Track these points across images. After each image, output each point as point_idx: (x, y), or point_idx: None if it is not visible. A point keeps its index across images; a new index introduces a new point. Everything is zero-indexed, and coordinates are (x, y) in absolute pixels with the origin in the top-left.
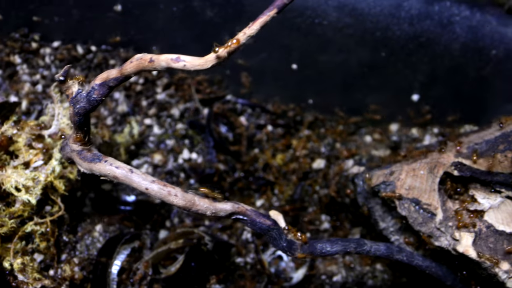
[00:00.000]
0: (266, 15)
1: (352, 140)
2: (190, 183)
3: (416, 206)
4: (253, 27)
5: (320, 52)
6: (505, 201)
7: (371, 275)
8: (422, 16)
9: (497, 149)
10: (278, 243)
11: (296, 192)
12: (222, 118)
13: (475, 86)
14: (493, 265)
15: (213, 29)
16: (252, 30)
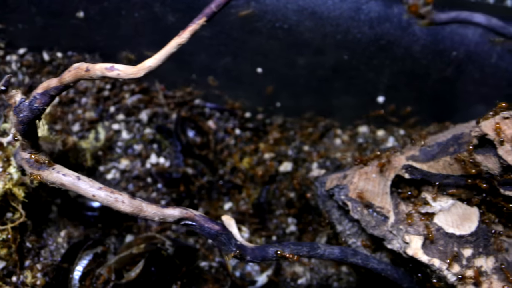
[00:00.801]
0: (195, 24)
1: (322, 142)
2: (158, 188)
3: (370, 209)
4: (183, 36)
5: (283, 56)
6: (456, 203)
7: (336, 277)
8: (382, 19)
9: (448, 152)
10: (227, 248)
11: (261, 196)
12: (190, 123)
13: (438, 88)
14: (442, 267)
15: (176, 34)
16: (183, 39)
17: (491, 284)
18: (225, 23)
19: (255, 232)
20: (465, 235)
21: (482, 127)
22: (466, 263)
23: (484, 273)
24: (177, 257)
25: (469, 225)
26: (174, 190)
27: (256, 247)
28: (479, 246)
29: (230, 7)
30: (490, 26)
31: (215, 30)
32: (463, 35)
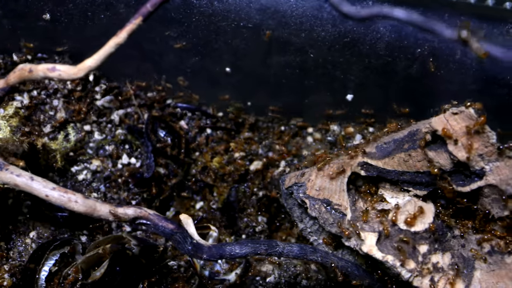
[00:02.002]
0: (132, 23)
1: (294, 141)
2: (130, 188)
3: (328, 207)
4: (121, 36)
5: (249, 55)
6: (411, 200)
7: (304, 275)
8: (341, 17)
9: (403, 148)
10: (183, 247)
11: (231, 195)
12: (161, 123)
13: (405, 85)
14: (395, 264)
15: (141, 34)
16: (120, 39)
17: (448, 280)
18: (190, 23)
19: (225, 231)
20: (419, 232)
21: (432, 123)
22: (422, 259)
23: (441, 269)
24: (143, 257)
25: (423, 221)
26: (145, 190)
27: (213, 245)
28: (434, 242)
29: (193, 7)
30: (411, 21)
31: (180, 30)
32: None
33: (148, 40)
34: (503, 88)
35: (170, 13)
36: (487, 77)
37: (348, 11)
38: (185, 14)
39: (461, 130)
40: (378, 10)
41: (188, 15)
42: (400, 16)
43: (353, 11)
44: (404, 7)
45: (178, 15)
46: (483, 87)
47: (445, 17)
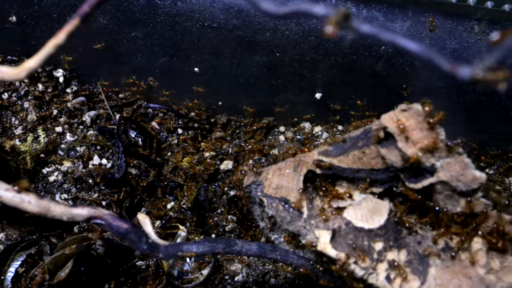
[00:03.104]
0: (70, 24)
1: (267, 140)
2: (101, 189)
3: (286, 205)
4: (59, 37)
5: (217, 54)
6: (367, 197)
7: (273, 274)
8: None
9: (357, 146)
10: (138, 246)
11: (200, 194)
12: (132, 123)
13: (372, 83)
14: (349, 262)
15: (109, 35)
16: (59, 39)
17: (405, 277)
18: (156, 23)
19: (194, 230)
20: (374, 229)
21: (382, 120)
22: (377, 256)
23: (397, 266)
24: (109, 257)
25: (378, 218)
26: (116, 190)
27: (170, 244)
28: (389, 240)
29: (157, 8)
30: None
31: (146, 31)
32: (391, 29)
33: (117, 42)
34: (469, 86)
35: (135, 14)
36: None
37: (267, 9)
38: (150, 15)
39: (411, 127)
40: (297, 7)
41: (153, 15)
42: (320, 13)
43: (272, 9)
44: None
45: (143, 15)
46: (450, 84)
47: (409, 14)
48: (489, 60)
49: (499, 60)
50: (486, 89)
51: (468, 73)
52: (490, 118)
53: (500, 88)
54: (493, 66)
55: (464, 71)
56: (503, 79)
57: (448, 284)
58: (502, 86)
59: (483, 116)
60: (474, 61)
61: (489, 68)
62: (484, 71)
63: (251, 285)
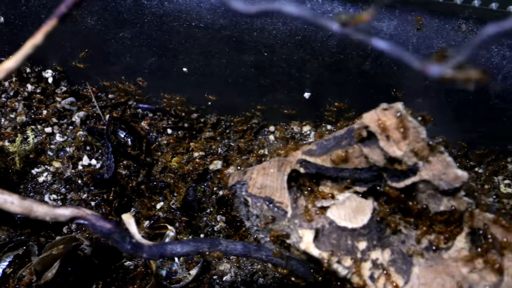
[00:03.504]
0: (47, 25)
1: (257, 139)
2: (90, 189)
3: (270, 205)
4: (37, 37)
5: (205, 54)
6: (351, 196)
7: (261, 273)
8: (279, 14)
9: (341, 145)
10: (122, 246)
11: (189, 194)
12: (122, 124)
13: (360, 82)
14: (331, 261)
15: (97, 36)
16: (37, 40)
17: (388, 277)
18: (143, 23)
19: (184, 230)
20: (357, 228)
21: (363, 119)
22: (361, 256)
23: (380, 265)
24: (96, 257)
25: (361, 218)
26: (105, 191)
27: (154, 244)
28: (373, 239)
29: (144, 8)
30: (302, 16)
31: (134, 31)
32: (377, 28)
33: (105, 42)
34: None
35: (122, 15)
36: None
37: (237, 8)
38: (137, 15)
39: (392, 126)
40: (267, 6)
41: (140, 16)
42: (292, 11)
43: (242, 8)
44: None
45: (130, 16)
46: (438, 83)
47: (396, 13)
48: (458, 59)
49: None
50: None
51: (438, 72)
52: (478, 117)
53: (468, 87)
54: (462, 64)
55: (434, 70)
56: (473, 78)
57: (432, 283)
58: (470, 84)
59: (472, 115)
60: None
61: (458, 66)
62: (453, 70)
63: (239, 284)
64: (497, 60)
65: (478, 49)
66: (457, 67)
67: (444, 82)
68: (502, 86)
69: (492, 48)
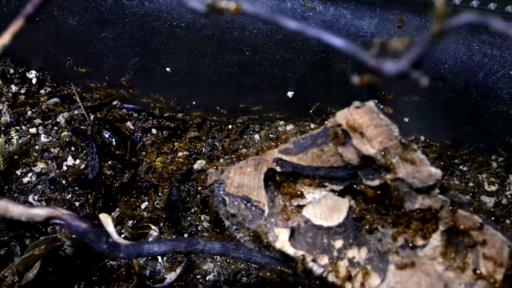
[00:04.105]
0: (14, 25)
1: (242, 139)
2: (74, 189)
3: (248, 204)
4: (4, 37)
5: (187, 54)
6: (327, 195)
7: (245, 273)
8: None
9: (316, 143)
10: (98, 245)
11: (172, 194)
12: (106, 124)
13: (342, 81)
14: (307, 260)
15: (82, 36)
16: (4, 40)
17: (367, 275)
18: (124, 23)
19: (168, 230)
20: (333, 227)
21: (336, 117)
22: (337, 254)
23: (357, 264)
24: (78, 257)
25: (337, 216)
26: (90, 191)
27: (131, 244)
28: (349, 237)
29: (125, 8)
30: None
31: (116, 32)
32: (358, 26)
33: (88, 42)
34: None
35: (103, 15)
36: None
37: (194, 7)
38: (118, 15)
39: (364, 124)
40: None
41: (121, 16)
42: (249, 10)
43: (199, 7)
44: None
45: (112, 16)
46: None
47: (377, 11)
48: (412, 56)
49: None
50: (456, 86)
51: (394, 69)
52: (461, 115)
53: (422, 84)
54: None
55: (389, 67)
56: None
57: (408, 281)
58: (424, 82)
59: (455, 113)
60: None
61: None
62: (408, 67)
63: (222, 284)
64: (479, 58)
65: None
66: (411, 64)
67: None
68: (484, 83)
69: (474, 45)
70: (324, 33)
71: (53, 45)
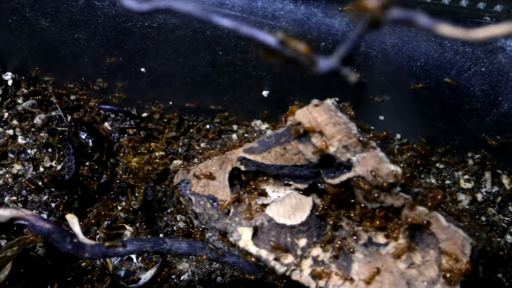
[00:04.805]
0: None
1: (220, 138)
2: (51, 191)
3: (214, 203)
4: None
5: (161, 54)
6: (291, 194)
7: (219, 272)
8: (246, 12)
9: (280, 142)
10: (62, 246)
11: (147, 194)
12: (83, 125)
13: (316, 79)
14: (268, 258)
15: (53, 37)
16: None
17: (331, 273)
18: (97, 24)
19: (144, 230)
20: (296, 225)
21: (296, 115)
22: (301, 253)
23: (321, 262)
24: (50, 258)
25: (300, 214)
26: (66, 192)
27: (97, 244)
28: (312, 236)
29: (97, 9)
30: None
31: (89, 32)
32: (329, 25)
33: (62, 44)
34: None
35: (75, 16)
36: (394, 68)
37: (129, 6)
38: (90, 16)
39: (323, 122)
40: (157, 4)
41: (93, 17)
42: (181, 8)
43: (134, 6)
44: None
45: (84, 17)
46: (393, 78)
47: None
48: (341, 52)
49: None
50: (428, 83)
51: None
52: (435, 113)
53: (351, 80)
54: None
55: (323, 64)
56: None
57: (371, 279)
58: (353, 78)
59: (429, 110)
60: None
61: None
62: (338, 63)
63: (196, 283)
64: (450, 55)
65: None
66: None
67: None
68: (456, 81)
69: (445, 43)
70: (257, 31)
71: (28, 47)
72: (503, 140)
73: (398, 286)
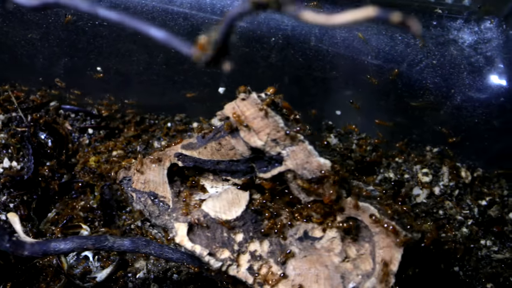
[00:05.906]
0: None
1: (182, 136)
2: (10, 191)
3: (155, 199)
4: None
5: (115, 53)
6: (228, 189)
7: (175, 270)
8: (195, 9)
9: (215, 137)
10: (0, 244)
11: (104, 193)
12: (42, 125)
13: (270, 74)
14: (202, 253)
15: (6, 37)
16: None
17: (270, 268)
18: (48, 24)
19: (103, 229)
20: (231, 220)
21: (224, 110)
22: (238, 248)
23: (259, 257)
24: (1, 258)
25: (236, 209)
26: (25, 192)
27: (37, 242)
28: (249, 231)
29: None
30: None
31: (41, 32)
32: (278, 20)
33: (16, 44)
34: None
35: (26, 15)
36: (345, 62)
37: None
38: (40, 15)
39: (251, 116)
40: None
41: (44, 16)
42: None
43: (24, 1)
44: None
45: (34, 16)
46: (347, 72)
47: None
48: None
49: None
50: (381, 77)
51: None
52: (390, 107)
53: (224, 69)
54: (221, 47)
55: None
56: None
57: (307, 273)
58: (226, 67)
59: (385, 105)
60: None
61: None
62: (214, 54)
63: (151, 281)
64: (401, 48)
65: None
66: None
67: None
68: (408, 74)
69: (396, 36)
70: (142, 25)
71: None
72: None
73: (333, 279)
